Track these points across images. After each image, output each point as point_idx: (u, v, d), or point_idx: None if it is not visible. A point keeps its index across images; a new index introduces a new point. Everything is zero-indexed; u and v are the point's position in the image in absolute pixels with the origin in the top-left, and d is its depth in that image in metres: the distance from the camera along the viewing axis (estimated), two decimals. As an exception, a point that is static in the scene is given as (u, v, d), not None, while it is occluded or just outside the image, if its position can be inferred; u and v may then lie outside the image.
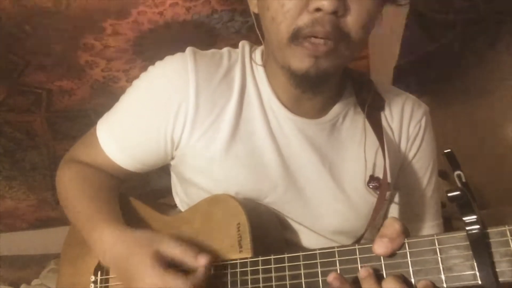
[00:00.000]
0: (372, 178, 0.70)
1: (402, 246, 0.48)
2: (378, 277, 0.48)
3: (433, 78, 1.62)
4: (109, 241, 0.63)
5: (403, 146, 0.74)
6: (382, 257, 0.49)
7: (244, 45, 0.73)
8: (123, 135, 0.71)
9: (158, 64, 0.70)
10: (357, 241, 0.68)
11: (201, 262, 0.57)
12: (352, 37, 0.57)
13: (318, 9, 0.54)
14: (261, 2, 0.62)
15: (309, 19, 0.55)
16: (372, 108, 0.72)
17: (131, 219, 0.70)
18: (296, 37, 0.56)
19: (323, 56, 0.56)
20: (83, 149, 0.77)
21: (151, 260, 0.57)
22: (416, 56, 1.56)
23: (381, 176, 0.70)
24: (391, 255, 0.48)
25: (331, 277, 0.49)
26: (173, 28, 1.57)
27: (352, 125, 0.72)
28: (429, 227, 0.76)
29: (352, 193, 0.70)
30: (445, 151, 0.49)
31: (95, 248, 0.65)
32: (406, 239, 0.48)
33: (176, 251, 0.58)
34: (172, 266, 0.58)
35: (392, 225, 0.48)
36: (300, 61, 0.58)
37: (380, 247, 0.48)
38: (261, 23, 0.64)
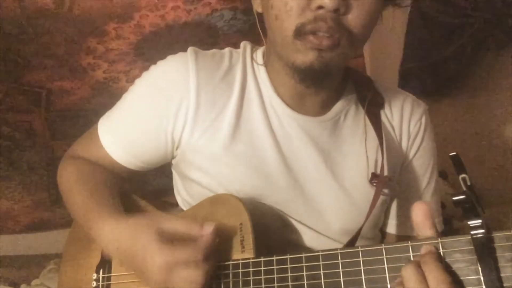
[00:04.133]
0: (375, 176, 0.70)
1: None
2: (380, 279, 0.48)
3: (438, 82, 1.61)
4: (111, 230, 0.63)
5: (404, 144, 0.75)
6: (385, 260, 0.48)
7: (245, 45, 0.74)
8: (124, 133, 0.72)
9: (160, 63, 0.71)
10: (354, 237, 0.67)
11: (207, 229, 0.57)
12: (353, 34, 0.58)
13: (320, 7, 0.55)
14: (264, 1, 0.63)
15: (311, 15, 0.56)
16: (372, 106, 0.73)
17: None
18: (300, 32, 0.57)
19: (326, 49, 0.58)
20: (84, 147, 0.77)
21: (156, 239, 0.56)
22: (423, 60, 1.55)
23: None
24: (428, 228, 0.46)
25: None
26: (174, 29, 1.57)
27: (354, 123, 0.72)
28: None
29: (354, 191, 0.70)
30: (451, 154, 0.49)
31: (98, 239, 0.65)
32: (410, 242, 0.48)
33: (179, 224, 0.58)
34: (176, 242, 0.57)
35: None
36: (305, 55, 0.59)
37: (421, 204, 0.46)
38: (264, 22, 0.65)
